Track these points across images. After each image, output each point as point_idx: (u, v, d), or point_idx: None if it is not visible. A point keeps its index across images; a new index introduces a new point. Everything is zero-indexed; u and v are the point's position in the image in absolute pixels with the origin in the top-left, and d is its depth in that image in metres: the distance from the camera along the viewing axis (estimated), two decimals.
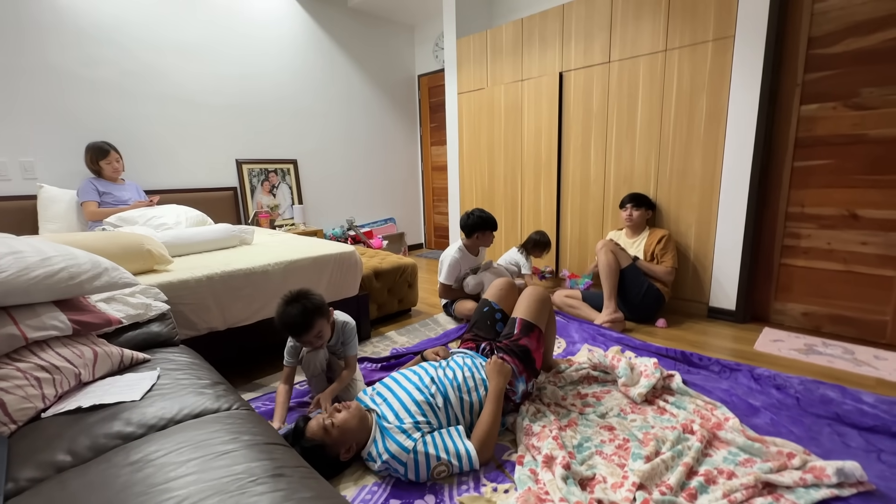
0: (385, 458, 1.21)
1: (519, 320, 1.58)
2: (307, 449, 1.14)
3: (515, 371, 1.49)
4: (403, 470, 1.20)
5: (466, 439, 1.28)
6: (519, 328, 1.56)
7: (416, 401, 1.30)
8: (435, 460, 1.21)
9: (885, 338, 2.15)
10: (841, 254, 2.22)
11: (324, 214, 4.25)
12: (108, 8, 2.86)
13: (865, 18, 2.02)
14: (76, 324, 1.07)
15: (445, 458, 1.22)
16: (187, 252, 2.13)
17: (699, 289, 2.58)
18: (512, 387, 1.49)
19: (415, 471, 1.20)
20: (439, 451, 1.22)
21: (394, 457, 1.20)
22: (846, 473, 1.14)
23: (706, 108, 2.41)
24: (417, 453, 1.20)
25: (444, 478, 1.24)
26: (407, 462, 1.20)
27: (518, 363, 1.50)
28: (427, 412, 1.29)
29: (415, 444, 1.21)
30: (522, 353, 1.52)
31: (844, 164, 2.16)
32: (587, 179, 2.99)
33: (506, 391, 1.47)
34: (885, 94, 2.02)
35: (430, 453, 1.21)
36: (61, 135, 2.76)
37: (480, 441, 1.29)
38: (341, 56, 4.18)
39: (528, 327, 1.56)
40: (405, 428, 1.24)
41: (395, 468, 1.21)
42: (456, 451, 1.24)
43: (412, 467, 1.20)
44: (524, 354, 1.52)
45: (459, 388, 1.37)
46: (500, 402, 1.39)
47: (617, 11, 2.68)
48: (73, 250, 1.16)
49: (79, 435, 0.87)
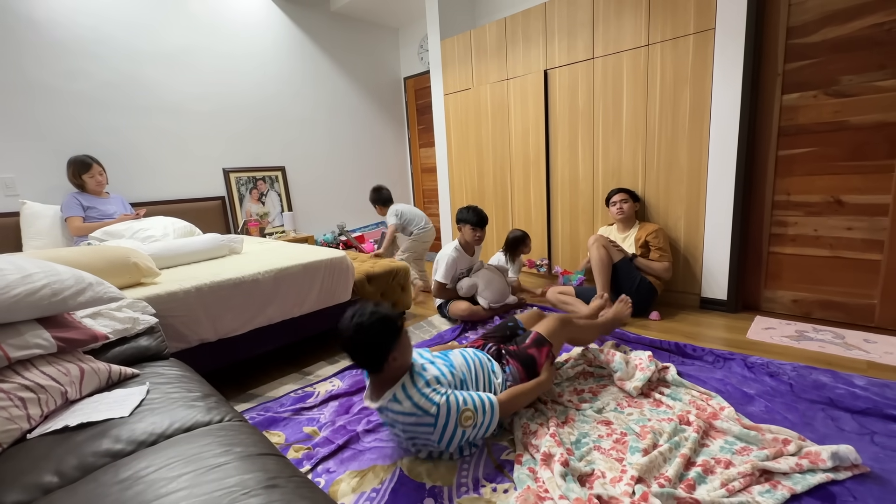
0: (407, 407, 1.23)
1: (535, 333, 1.61)
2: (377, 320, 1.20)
3: (517, 375, 1.52)
4: (431, 429, 1.23)
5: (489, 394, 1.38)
6: (532, 339, 1.59)
7: (453, 371, 1.38)
8: (463, 404, 1.27)
9: (873, 321, 2.17)
10: (827, 240, 2.25)
11: (314, 221, 4.22)
12: (87, 20, 2.82)
13: (841, 7, 2.06)
14: (61, 341, 1.05)
15: (472, 405, 1.28)
16: (175, 264, 2.10)
17: (691, 280, 2.60)
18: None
19: (444, 422, 1.23)
20: (466, 401, 1.28)
21: (420, 408, 1.22)
22: (841, 457, 1.15)
23: (690, 100, 2.43)
24: (449, 405, 1.24)
25: (469, 427, 1.27)
26: (438, 415, 1.23)
27: (521, 369, 1.53)
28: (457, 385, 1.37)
29: (445, 398, 1.25)
30: (528, 360, 1.54)
31: (827, 152, 2.18)
32: (576, 176, 3.00)
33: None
34: (864, 82, 2.05)
35: (458, 401, 1.26)
36: (42, 150, 2.72)
37: (505, 398, 1.38)
38: (326, 61, 4.17)
39: (540, 341, 1.58)
40: (441, 382, 1.29)
41: (420, 428, 1.24)
42: (480, 401, 1.30)
43: (442, 419, 1.23)
44: (529, 362, 1.54)
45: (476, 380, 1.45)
46: (538, 387, 1.48)
47: (598, 8, 2.69)
48: (56, 266, 1.14)
49: (66, 455, 0.85)
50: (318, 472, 1.30)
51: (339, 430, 1.49)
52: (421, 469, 1.28)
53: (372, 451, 1.38)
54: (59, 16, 2.72)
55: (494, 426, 1.34)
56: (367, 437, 1.46)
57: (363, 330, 1.19)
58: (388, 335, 1.22)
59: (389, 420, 1.30)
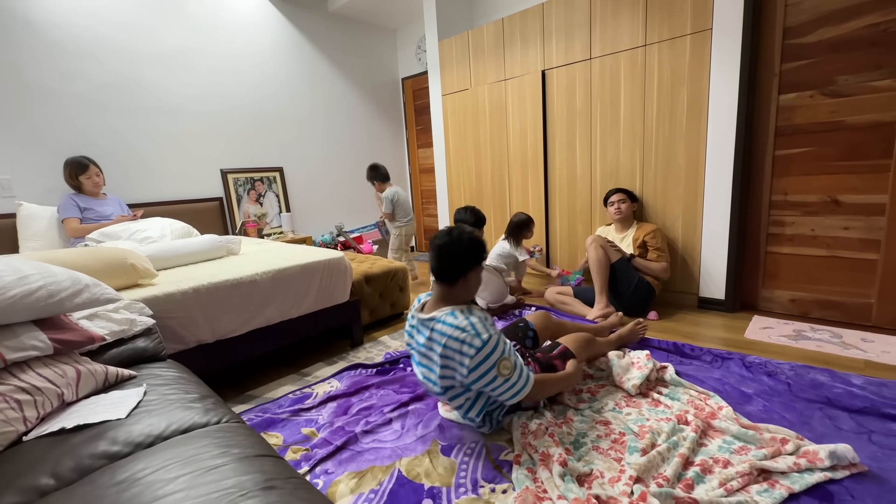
0: (462, 322, 1.27)
1: (563, 346, 1.61)
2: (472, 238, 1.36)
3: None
4: (472, 352, 1.24)
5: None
6: (559, 351, 1.59)
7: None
8: (509, 353, 1.30)
9: (871, 320, 2.18)
10: (825, 239, 2.25)
11: (312, 221, 4.22)
12: (84, 21, 2.82)
13: (837, 8, 2.06)
14: (57, 343, 1.05)
15: (514, 361, 1.31)
16: (173, 265, 2.09)
17: (689, 280, 2.61)
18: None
19: (487, 354, 1.25)
20: (512, 354, 1.32)
21: (475, 328, 1.26)
22: (839, 456, 1.15)
23: (687, 101, 2.44)
24: (498, 343, 1.28)
25: (502, 377, 1.28)
26: (486, 343, 1.25)
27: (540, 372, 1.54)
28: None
29: (498, 336, 1.29)
30: (548, 368, 1.55)
31: (824, 152, 2.19)
32: (574, 176, 3.01)
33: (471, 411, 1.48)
34: (860, 82, 2.05)
35: (506, 348, 1.30)
36: (39, 151, 2.71)
37: (538, 378, 1.40)
38: (324, 62, 4.17)
39: (566, 356, 1.59)
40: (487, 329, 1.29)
41: (463, 347, 1.26)
42: (522, 364, 1.35)
43: (487, 349, 1.25)
44: (549, 370, 1.55)
45: None
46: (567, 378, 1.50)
47: (596, 8, 2.70)
48: (52, 267, 1.13)
49: (63, 457, 0.84)
50: (317, 474, 1.30)
51: (338, 432, 1.49)
52: (419, 470, 1.28)
53: (370, 452, 1.38)
54: (56, 17, 2.71)
55: (520, 397, 1.34)
56: (365, 438, 1.45)
57: (457, 241, 1.35)
58: (473, 255, 1.37)
59: (434, 335, 1.33)
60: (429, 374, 1.40)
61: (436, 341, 1.33)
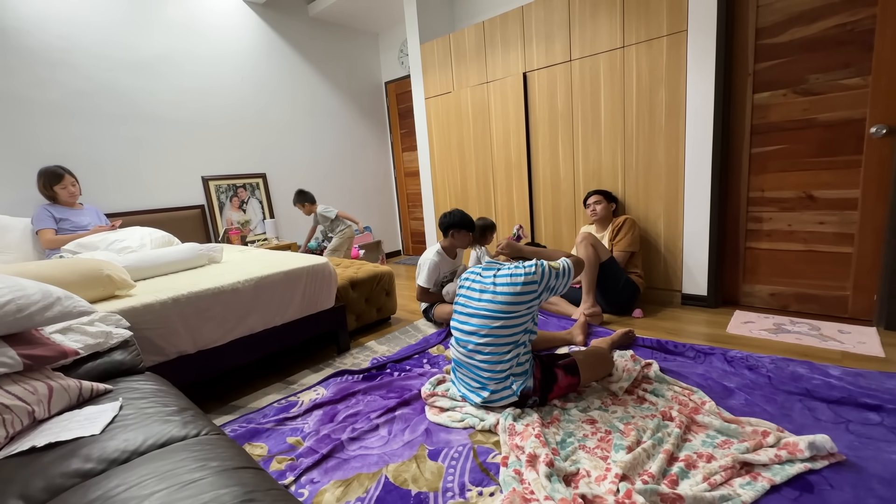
0: (519, 268, 1.54)
1: (571, 358, 1.62)
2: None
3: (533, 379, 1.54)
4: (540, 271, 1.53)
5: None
6: (565, 363, 1.60)
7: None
8: (543, 262, 1.56)
9: (847, 312, 2.24)
10: (801, 234, 2.31)
11: (297, 228, 4.18)
12: (57, 28, 2.76)
13: (806, 8, 2.12)
14: (27, 358, 1.01)
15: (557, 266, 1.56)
16: (152, 275, 2.05)
17: (672, 277, 2.64)
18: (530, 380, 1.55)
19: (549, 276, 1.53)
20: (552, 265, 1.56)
21: (523, 267, 1.54)
22: (818, 447, 1.18)
23: (665, 101, 2.48)
24: (535, 262, 1.55)
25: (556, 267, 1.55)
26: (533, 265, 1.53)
27: (539, 376, 1.55)
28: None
29: (542, 267, 1.54)
30: (549, 374, 1.56)
31: (798, 148, 2.24)
32: (557, 177, 3.03)
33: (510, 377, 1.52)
34: (830, 80, 2.11)
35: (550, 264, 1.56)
36: (12, 161, 2.64)
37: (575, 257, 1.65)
38: (305, 66, 4.14)
39: (573, 369, 1.59)
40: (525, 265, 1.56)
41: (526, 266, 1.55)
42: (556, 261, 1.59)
43: (538, 266, 1.53)
44: (549, 377, 1.56)
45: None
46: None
47: (574, 11, 2.73)
48: (21, 281, 1.10)
49: (32, 477, 0.81)
50: (302, 483, 1.28)
51: (324, 440, 1.47)
52: (406, 476, 1.27)
53: (356, 460, 1.36)
54: (26, 24, 2.65)
55: (574, 276, 1.58)
56: (351, 445, 1.44)
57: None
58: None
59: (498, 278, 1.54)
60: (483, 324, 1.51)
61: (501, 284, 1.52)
